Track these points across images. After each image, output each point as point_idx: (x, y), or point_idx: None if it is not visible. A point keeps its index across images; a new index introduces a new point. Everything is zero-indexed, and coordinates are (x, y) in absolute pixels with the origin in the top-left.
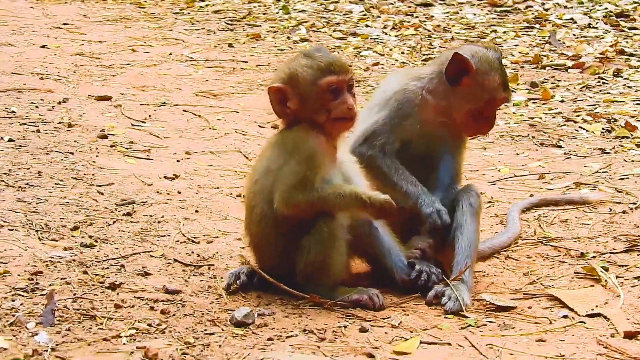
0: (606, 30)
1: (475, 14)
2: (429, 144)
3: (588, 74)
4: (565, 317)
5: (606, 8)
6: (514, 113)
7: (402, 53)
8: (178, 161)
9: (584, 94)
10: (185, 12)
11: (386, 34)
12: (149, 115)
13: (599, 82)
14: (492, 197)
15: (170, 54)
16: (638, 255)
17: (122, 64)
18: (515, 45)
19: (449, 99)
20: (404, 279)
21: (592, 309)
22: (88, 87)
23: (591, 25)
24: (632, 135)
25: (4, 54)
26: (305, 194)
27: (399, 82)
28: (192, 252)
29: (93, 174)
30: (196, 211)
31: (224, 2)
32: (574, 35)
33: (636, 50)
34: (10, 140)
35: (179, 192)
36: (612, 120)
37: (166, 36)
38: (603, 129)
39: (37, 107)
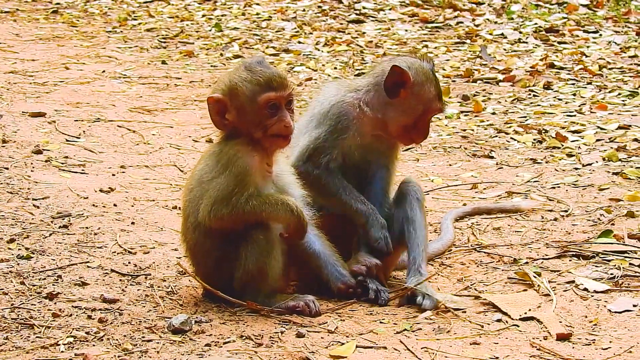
0: (536, 44)
1: (406, 30)
2: (364, 157)
3: (519, 87)
4: (499, 320)
5: (536, 23)
6: (446, 125)
7: (335, 68)
8: (113, 175)
9: (515, 106)
10: (118, 30)
11: (318, 50)
12: (84, 131)
13: (529, 94)
14: (425, 207)
15: (103, 72)
16: (570, 260)
17: (56, 81)
18: (447, 60)
19: (385, 111)
20: (339, 287)
21: (525, 313)
22: (22, 104)
23: (521, 40)
24: (562, 145)
25: None
26: (229, 208)
27: (335, 95)
28: (129, 263)
29: (28, 188)
30: (132, 223)
31: (157, 21)
32: (505, 49)
33: (566, 64)
34: None
35: (114, 205)
36: (543, 131)
37: (99, 54)
38: (534, 139)
39: None
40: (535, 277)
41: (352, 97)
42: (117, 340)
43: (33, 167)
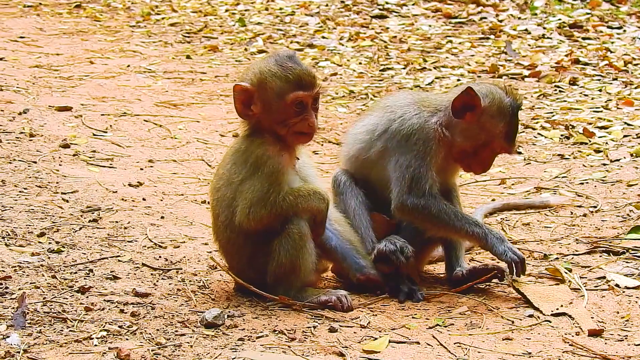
0: (560, 40)
1: (430, 26)
2: (444, 177)
3: (544, 83)
4: (530, 316)
5: (560, 19)
6: None
7: (360, 63)
8: (141, 169)
9: (542, 102)
10: (141, 25)
11: (343, 45)
12: (110, 125)
13: (555, 90)
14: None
15: (128, 66)
16: (600, 256)
17: (81, 75)
18: (472, 56)
19: (452, 130)
20: (359, 278)
21: (557, 309)
22: (48, 98)
23: (545, 36)
24: (590, 141)
25: None
26: (267, 209)
27: (417, 118)
28: (160, 257)
29: (57, 182)
30: (162, 217)
31: (180, 15)
32: (529, 45)
33: (591, 60)
34: None
35: (143, 199)
36: (570, 127)
37: (123, 48)
38: (561, 135)
39: None
40: (566, 273)
41: (435, 121)
42: (150, 334)
43: (61, 161)
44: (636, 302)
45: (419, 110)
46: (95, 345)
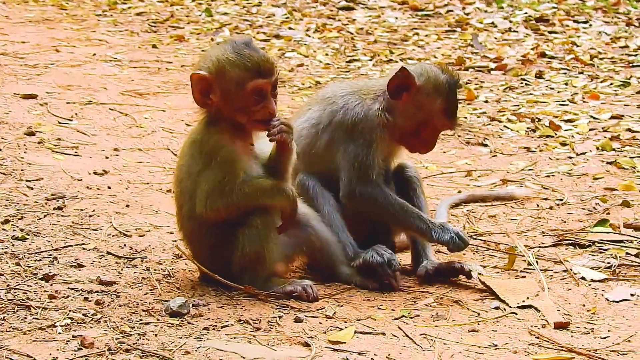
0: (527, 34)
1: (397, 18)
2: (389, 161)
3: (511, 76)
4: (497, 308)
5: (526, 13)
6: None
7: (326, 54)
8: (107, 157)
9: (508, 95)
10: (108, 14)
11: (309, 36)
12: (76, 114)
13: (521, 83)
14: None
15: (94, 55)
16: (566, 249)
17: (47, 63)
18: (438, 48)
19: (392, 112)
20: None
21: (523, 301)
22: (13, 86)
23: (512, 29)
24: (556, 134)
25: None
26: (224, 199)
27: (360, 108)
28: (125, 245)
29: (22, 170)
30: (127, 206)
31: (147, 5)
32: (496, 38)
33: (557, 54)
34: None
35: (109, 187)
36: (537, 120)
37: (90, 37)
38: (528, 128)
39: None
40: (532, 265)
41: (377, 108)
42: (114, 322)
43: (26, 149)
44: (602, 295)
45: (360, 99)
46: (59, 333)
